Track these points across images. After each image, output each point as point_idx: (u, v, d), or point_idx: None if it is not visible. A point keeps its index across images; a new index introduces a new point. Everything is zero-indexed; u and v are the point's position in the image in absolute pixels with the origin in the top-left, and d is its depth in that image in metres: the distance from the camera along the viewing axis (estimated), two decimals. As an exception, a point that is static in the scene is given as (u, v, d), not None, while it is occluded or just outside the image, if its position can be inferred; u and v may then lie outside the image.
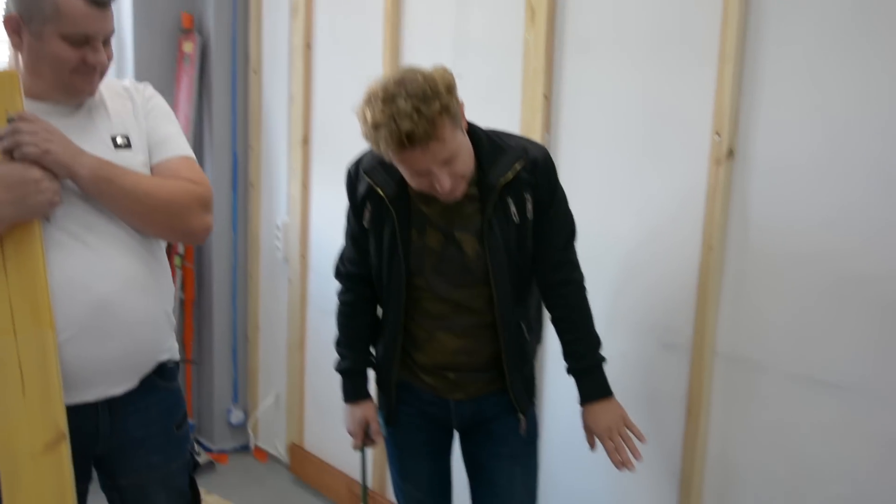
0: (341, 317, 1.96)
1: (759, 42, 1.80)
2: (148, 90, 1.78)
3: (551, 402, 2.31)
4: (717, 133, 1.85)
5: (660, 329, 2.04)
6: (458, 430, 1.96)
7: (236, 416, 3.71)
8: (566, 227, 1.82)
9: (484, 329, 1.80)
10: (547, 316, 1.90)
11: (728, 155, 1.85)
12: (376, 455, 2.96)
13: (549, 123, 2.24)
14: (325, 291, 3.22)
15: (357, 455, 2.04)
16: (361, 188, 1.80)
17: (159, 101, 1.77)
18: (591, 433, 1.82)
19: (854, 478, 1.71)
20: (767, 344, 1.84)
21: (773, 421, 1.84)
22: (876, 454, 1.67)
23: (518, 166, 1.70)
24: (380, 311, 1.93)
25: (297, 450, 3.44)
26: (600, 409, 1.80)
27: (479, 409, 1.87)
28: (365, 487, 2.08)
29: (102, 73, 1.63)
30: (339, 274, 1.95)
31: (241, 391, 3.75)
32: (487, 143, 1.73)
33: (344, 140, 3.05)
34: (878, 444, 1.67)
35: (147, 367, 1.71)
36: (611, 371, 2.14)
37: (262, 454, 3.68)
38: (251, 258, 3.62)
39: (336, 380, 1.97)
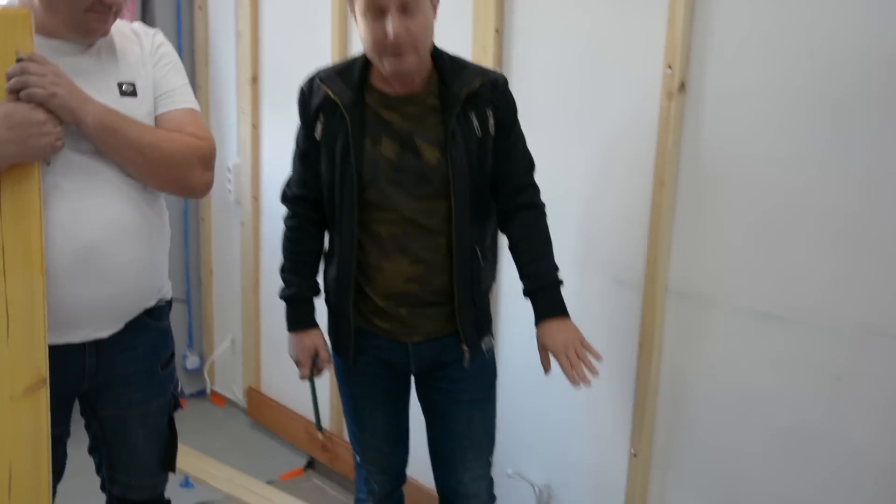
0: (287, 242, 1.90)
1: (712, -28, 1.77)
2: (158, 37, 1.77)
3: (509, 334, 2.31)
4: (669, 66, 1.82)
5: (613, 265, 2.04)
6: (416, 376, 1.93)
7: (192, 361, 3.68)
8: (527, 154, 1.83)
9: (437, 253, 1.75)
10: (503, 250, 1.88)
11: (680, 88, 1.83)
12: (332, 398, 2.96)
13: (500, 58, 2.20)
14: (280, 233, 3.17)
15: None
16: (315, 100, 1.76)
17: (168, 50, 1.76)
18: (546, 353, 1.78)
19: (799, 409, 1.73)
20: (718, 279, 1.85)
21: (723, 354, 1.86)
22: (821, 386, 1.70)
23: (479, 82, 1.71)
24: (328, 243, 1.88)
25: (254, 394, 3.43)
26: (557, 327, 1.78)
27: (437, 353, 1.84)
28: (318, 415, 2.05)
29: (116, 14, 1.62)
30: (285, 198, 1.90)
31: (197, 336, 3.72)
32: (449, 61, 1.75)
33: (295, 78, 2.95)
34: (823, 375, 1.69)
35: (133, 313, 1.72)
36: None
37: (219, 399, 3.67)
38: (202, 201, 3.55)
39: None
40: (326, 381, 2.92)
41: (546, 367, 1.79)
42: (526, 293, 1.83)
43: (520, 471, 2.35)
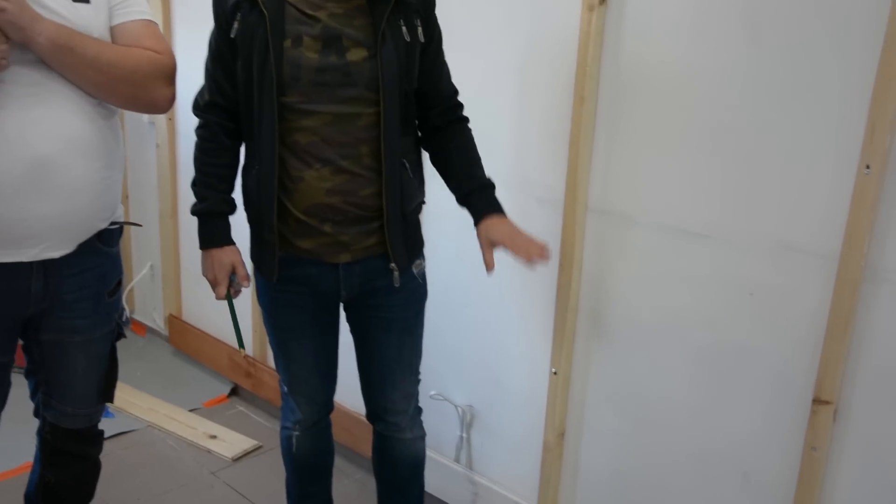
0: (199, 153, 1.80)
1: None
2: None
3: (430, 257, 2.28)
4: (590, -23, 1.77)
5: (533, 184, 2.01)
6: (346, 302, 1.88)
7: (110, 289, 3.57)
8: (449, 73, 1.80)
9: (359, 163, 1.69)
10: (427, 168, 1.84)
11: (601, 1, 1.77)
12: (255, 322, 2.91)
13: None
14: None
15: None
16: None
17: None
18: (490, 249, 1.73)
19: (714, 324, 1.76)
20: (637, 196, 1.83)
21: (642, 272, 1.86)
22: (734, 301, 1.71)
23: None
24: (244, 154, 1.79)
25: (175, 321, 3.36)
26: (499, 221, 1.74)
27: (368, 276, 1.79)
28: (239, 333, 1.99)
29: None
30: (196, 106, 1.80)
31: (114, 263, 3.60)
32: None
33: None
34: (737, 291, 1.71)
35: (86, 233, 1.66)
36: (485, 228, 2.12)
37: (139, 327, 3.58)
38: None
39: None
40: (248, 303, 2.87)
41: (490, 265, 1.72)
42: (463, 195, 1.78)
43: (443, 392, 2.35)
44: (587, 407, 2.03)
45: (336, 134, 1.67)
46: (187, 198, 3.15)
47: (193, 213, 1.82)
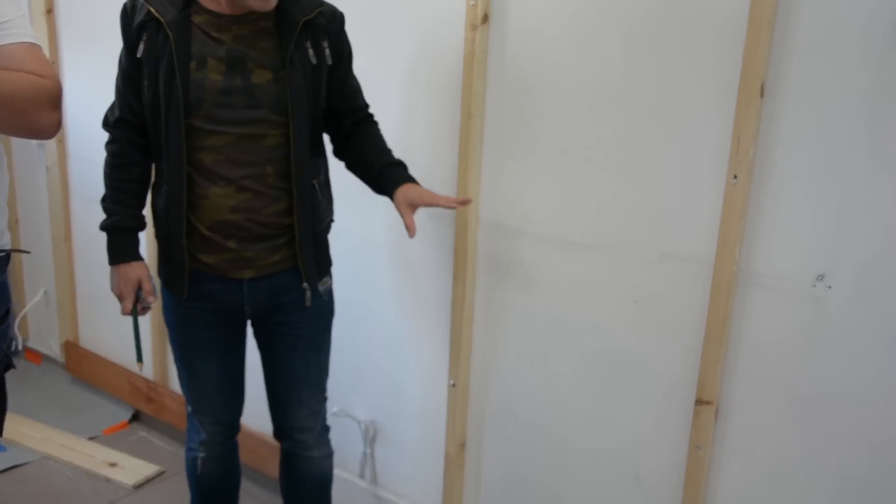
0: (108, 168, 1.79)
1: None
2: None
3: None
4: (472, -3, 1.81)
5: (427, 200, 2.04)
6: (252, 318, 1.87)
7: (1, 316, 3.43)
8: (360, 88, 1.84)
9: (262, 182, 1.69)
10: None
11: (483, 20, 1.82)
12: (155, 344, 2.85)
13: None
14: (88, 178, 2.98)
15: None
16: (138, 17, 1.66)
17: None
18: (410, 209, 1.72)
19: (602, 331, 1.81)
20: (525, 209, 1.88)
21: (532, 282, 1.91)
22: (620, 308, 1.77)
23: (317, 11, 1.69)
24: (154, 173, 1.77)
25: (72, 347, 3.25)
26: (413, 186, 1.75)
27: (274, 292, 1.79)
28: (139, 345, 1.94)
29: None
30: (106, 122, 1.79)
31: (5, 290, 3.46)
32: None
33: (95, 9, 2.77)
34: (623, 299, 1.77)
35: None
36: (380, 243, 2.14)
37: (34, 356, 3.46)
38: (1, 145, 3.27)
39: (109, 271, 1.82)
40: (148, 325, 2.81)
41: (411, 226, 1.70)
42: (377, 172, 1.78)
43: (345, 408, 2.35)
44: (486, 416, 2.07)
45: (240, 153, 1.67)
46: (80, 220, 3.08)
47: (102, 228, 1.80)
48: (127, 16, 1.69)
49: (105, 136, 1.81)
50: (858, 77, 1.40)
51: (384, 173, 1.78)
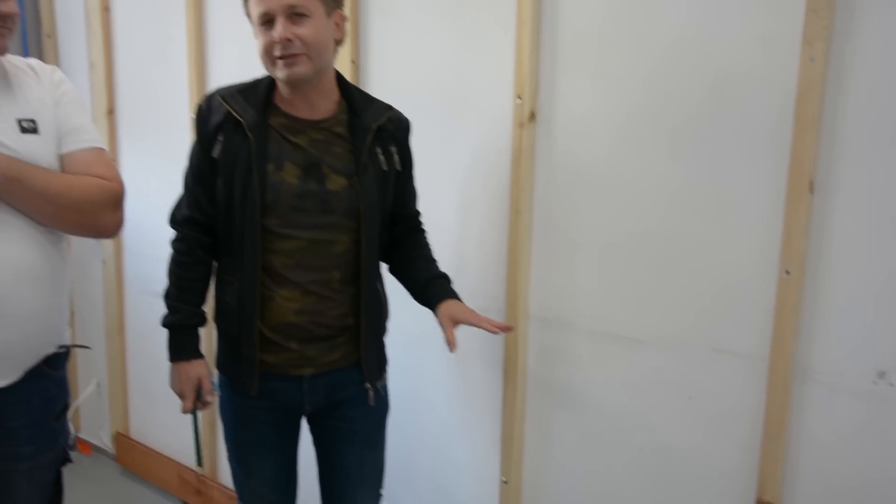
0: (174, 266, 1.79)
1: (557, 3, 1.80)
2: (57, 74, 1.72)
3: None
4: (519, 96, 1.85)
5: (476, 294, 2.05)
6: (309, 416, 1.86)
7: (55, 407, 3.48)
8: (417, 195, 1.88)
9: (327, 287, 1.71)
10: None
11: (530, 118, 1.86)
12: (204, 436, 2.86)
13: (357, 89, 2.18)
14: (143, 271, 3.06)
15: (189, 435, 1.91)
16: (215, 118, 1.69)
17: (70, 88, 1.72)
18: (451, 325, 1.70)
19: (656, 427, 1.78)
20: (575, 303, 1.88)
21: (584, 378, 1.89)
22: (674, 405, 1.75)
23: (387, 117, 1.73)
24: (218, 269, 1.80)
25: (122, 439, 3.28)
26: (456, 302, 1.75)
27: (333, 389, 1.78)
28: (199, 449, 1.94)
29: (12, 28, 1.57)
30: (173, 220, 1.80)
31: (59, 381, 3.52)
32: (357, 93, 1.76)
33: (152, 110, 2.89)
34: (675, 394, 1.74)
35: (33, 360, 1.64)
36: (430, 336, 2.15)
37: (85, 447, 3.49)
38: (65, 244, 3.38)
39: (162, 364, 1.83)
40: (203, 416, 2.83)
41: (452, 342, 1.68)
42: (421, 283, 1.80)
43: (393, 501, 2.32)
44: (539, 514, 2.03)
45: (310, 258, 1.69)
46: (134, 313, 3.14)
47: (164, 325, 1.80)
48: (203, 115, 1.72)
49: (170, 231, 1.81)
50: (910, 173, 1.40)
51: (429, 285, 1.79)
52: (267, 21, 1.60)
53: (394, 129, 1.75)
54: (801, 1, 1.47)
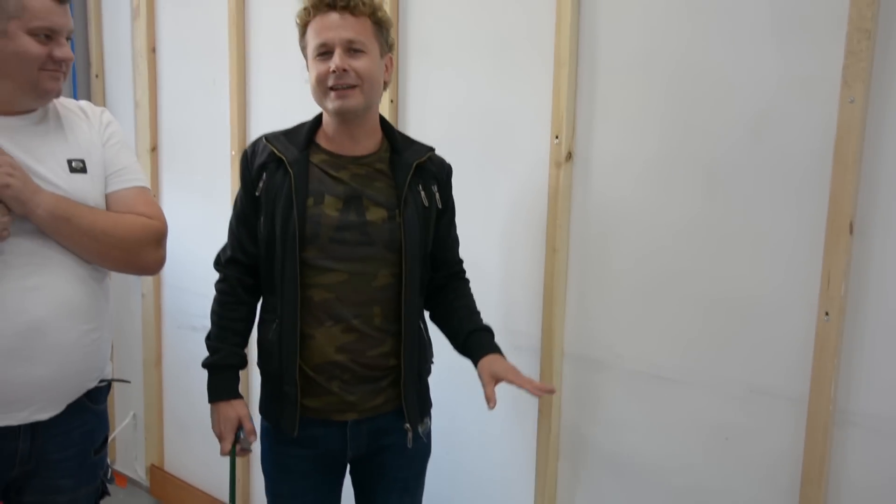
0: (216, 306, 1.81)
1: (594, 44, 1.83)
2: (105, 116, 1.78)
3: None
4: (556, 136, 1.88)
5: (511, 332, 2.05)
6: (351, 462, 1.83)
7: (91, 439, 3.52)
8: (458, 242, 1.88)
9: (369, 323, 1.71)
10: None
11: (567, 158, 1.88)
12: (240, 473, 2.87)
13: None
14: (182, 306, 3.11)
15: (223, 469, 1.90)
16: (259, 160, 1.73)
17: (117, 129, 1.78)
18: (492, 382, 1.68)
19: (692, 468, 1.77)
20: (610, 342, 1.88)
21: (619, 417, 1.88)
22: (709, 444, 1.73)
23: (428, 156, 1.77)
24: (262, 308, 1.81)
25: (157, 472, 3.30)
26: (498, 358, 1.74)
27: (375, 435, 1.77)
28: (234, 494, 1.92)
29: (66, 72, 1.63)
30: (218, 262, 1.83)
31: (96, 413, 3.57)
32: (399, 134, 1.80)
33: (194, 148, 2.96)
34: (711, 434, 1.73)
35: (75, 393, 1.68)
36: (466, 375, 2.15)
37: (120, 478, 3.51)
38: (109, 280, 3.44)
39: (197, 397, 1.85)
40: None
41: (491, 398, 1.66)
42: (464, 336, 1.79)
43: (427, 542, 2.31)
44: (573, 556, 2.01)
45: (350, 293, 1.69)
46: (171, 347, 3.18)
47: (205, 365, 1.80)
48: (247, 159, 1.76)
49: (211, 268, 1.84)
50: (951, 215, 1.39)
51: (471, 337, 1.78)
52: (324, 52, 1.64)
53: (435, 169, 1.78)
54: (841, 43, 1.48)
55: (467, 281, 1.89)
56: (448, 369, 1.96)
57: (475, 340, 1.78)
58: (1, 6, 1.52)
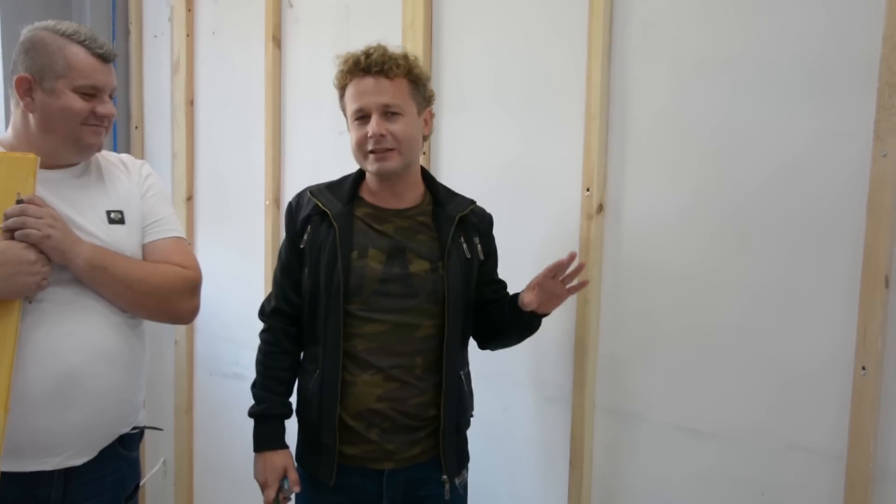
0: (261, 356, 1.84)
1: (625, 98, 1.85)
2: (145, 168, 1.84)
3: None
4: (587, 188, 1.89)
5: (542, 383, 2.05)
6: None
7: (122, 485, 3.53)
8: (505, 284, 1.91)
9: (411, 373, 1.72)
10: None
11: (598, 210, 1.89)
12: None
13: (428, 180, 2.25)
14: (214, 353, 3.13)
15: None
16: (304, 212, 1.78)
17: (156, 181, 1.84)
18: (531, 288, 1.70)
19: (729, 525, 1.74)
20: (643, 395, 1.87)
21: (652, 470, 1.86)
22: (745, 500, 1.70)
23: (470, 209, 1.81)
24: (304, 357, 1.82)
25: (186, 519, 3.30)
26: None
27: (412, 486, 1.77)
28: None
29: (108, 127, 1.70)
30: (262, 312, 1.86)
31: (127, 459, 3.58)
32: (442, 188, 1.84)
33: (228, 198, 3.01)
34: (749, 491, 1.70)
35: (109, 439, 1.70)
36: (497, 424, 2.15)
37: (149, 525, 3.51)
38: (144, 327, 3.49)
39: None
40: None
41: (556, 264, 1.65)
42: (508, 306, 1.78)
43: None
44: None
45: (393, 343, 1.72)
46: (203, 394, 3.20)
47: (251, 414, 1.82)
48: (292, 211, 1.81)
49: (256, 320, 1.87)
50: None
51: (511, 299, 1.78)
52: (362, 116, 1.69)
53: (477, 221, 1.81)
54: (873, 98, 1.49)
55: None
56: (479, 419, 1.95)
57: (513, 297, 1.79)
58: (50, 66, 1.59)
